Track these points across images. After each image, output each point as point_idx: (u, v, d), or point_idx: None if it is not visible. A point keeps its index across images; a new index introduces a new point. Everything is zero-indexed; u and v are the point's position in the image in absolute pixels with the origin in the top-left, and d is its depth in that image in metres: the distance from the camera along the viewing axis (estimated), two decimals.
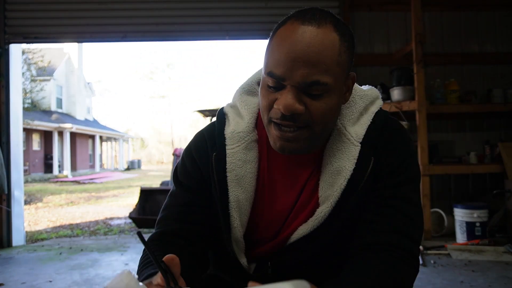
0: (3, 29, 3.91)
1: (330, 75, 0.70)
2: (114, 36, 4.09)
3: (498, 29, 4.40)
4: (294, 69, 0.68)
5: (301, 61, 0.68)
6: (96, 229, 5.35)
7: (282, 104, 0.70)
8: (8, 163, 3.90)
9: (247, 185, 0.82)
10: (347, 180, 0.78)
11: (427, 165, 3.60)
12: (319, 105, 0.71)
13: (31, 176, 16.24)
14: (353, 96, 0.84)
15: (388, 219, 0.77)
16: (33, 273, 2.96)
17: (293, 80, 0.69)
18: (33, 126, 16.22)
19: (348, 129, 0.81)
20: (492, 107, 3.86)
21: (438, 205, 4.00)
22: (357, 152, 0.79)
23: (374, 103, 0.86)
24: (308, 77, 0.69)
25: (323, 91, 0.71)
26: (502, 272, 2.68)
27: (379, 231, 0.76)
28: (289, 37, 0.70)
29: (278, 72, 0.70)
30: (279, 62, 0.70)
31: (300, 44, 0.68)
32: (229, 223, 0.82)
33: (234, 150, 0.83)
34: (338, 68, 0.71)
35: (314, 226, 0.80)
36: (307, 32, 0.69)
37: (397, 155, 0.80)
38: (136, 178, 18.23)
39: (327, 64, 0.69)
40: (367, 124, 0.81)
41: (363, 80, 4.42)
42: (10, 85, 3.96)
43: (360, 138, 0.80)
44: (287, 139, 0.74)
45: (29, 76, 15.77)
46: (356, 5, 4.19)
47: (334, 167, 0.79)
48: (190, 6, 4.04)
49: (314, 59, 0.68)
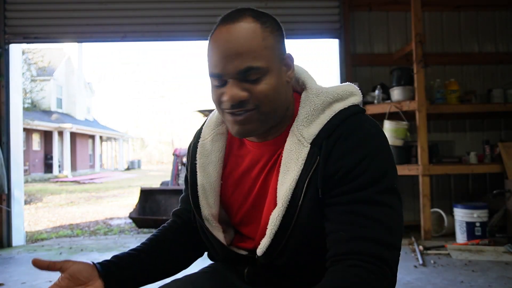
0: (3, 29, 3.91)
1: (260, 59, 0.77)
2: (114, 36, 4.09)
3: (498, 29, 4.40)
4: (228, 64, 0.77)
5: (230, 55, 0.77)
6: (96, 229, 5.35)
7: (227, 96, 0.79)
8: (8, 163, 3.90)
9: (211, 172, 0.93)
10: (295, 180, 0.79)
11: (427, 165, 3.60)
12: (260, 87, 0.78)
13: (31, 176, 16.24)
14: (308, 95, 0.85)
15: (353, 226, 0.73)
16: (33, 273, 2.96)
17: (230, 74, 0.78)
18: (33, 126, 16.22)
19: (301, 130, 0.82)
20: (492, 107, 3.86)
21: (438, 205, 4.00)
22: (306, 153, 0.80)
23: (343, 100, 0.84)
24: (240, 66, 0.76)
25: (260, 74, 0.78)
26: (502, 272, 2.68)
27: (342, 241, 0.72)
28: (216, 40, 0.80)
29: (216, 71, 0.79)
30: (214, 63, 0.79)
31: (226, 41, 0.77)
32: (198, 203, 0.92)
33: (204, 142, 0.95)
34: (266, 51, 0.78)
35: (272, 232, 0.80)
36: (230, 30, 0.78)
37: (349, 157, 0.77)
38: (136, 178, 18.22)
39: (254, 50, 0.77)
40: (323, 124, 0.81)
41: (363, 80, 4.47)
42: (10, 85, 3.96)
43: (310, 139, 0.81)
44: (241, 122, 0.80)
45: (29, 76, 15.77)
46: (356, 5, 4.19)
47: (286, 167, 0.82)
48: (190, 6, 4.04)
49: (240, 49, 0.76)
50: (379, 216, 0.73)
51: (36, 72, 16.90)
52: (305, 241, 0.80)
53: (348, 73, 4.09)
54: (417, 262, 2.96)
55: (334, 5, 4.11)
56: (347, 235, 0.72)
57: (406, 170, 3.72)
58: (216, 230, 0.92)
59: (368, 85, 4.14)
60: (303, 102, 0.85)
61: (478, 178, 4.27)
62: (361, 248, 0.70)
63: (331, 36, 4.16)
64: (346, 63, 4.10)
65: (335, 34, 4.13)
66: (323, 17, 4.13)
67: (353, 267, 0.69)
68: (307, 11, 4.10)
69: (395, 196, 0.77)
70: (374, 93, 3.95)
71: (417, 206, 3.87)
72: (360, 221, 0.73)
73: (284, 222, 0.79)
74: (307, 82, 0.88)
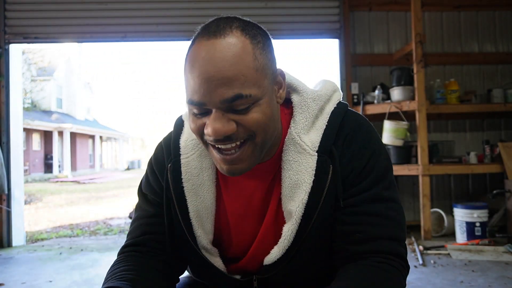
0: (3, 29, 3.91)
1: (251, 84, 0.65)
2: (114, 36, 4.08)
3: (498, 29, 4.40)
4: (211, 90, 0.63)
5: (215, 80, 0.63)
6: (96, 229, 5.35)
7: (210, 130, 0.65)
8: (8, 163, 3.90)
9: (206, 193, 0.80)
10: (308, 193, 0.74)
11: (427, 165, 3.60)
12: (250, 117, 0.66)
13: (31, 176, 16.23)
14: (305, 99, 0.79)
15: (368, 226, 0.73)
16: (33, 273, 2.96)
17: (213, 103, 0.64)
18: (33, 126, 16.22)
19: (303, 138, 0.76)
20: (492, 107, 3.86)
21: (438, 205, 4.00)
22: (315, 162, 0.74)
23: (330, 100, 0.81)
24: (227, 94, 0.63)
25: (250, 103, 0.66)
26: (502, 272, 2.68)
27: (362, 241, 0.73)
28: (198, 58, 0.65)
29: (197, 98, 0.65)
30: (194, 88, 0.65)
31: (210, 62, 0.63)
32: (193, 232, 0.80)
33: (189, 159, 0.80)
34: (257, 73, 0.66)
35: (285, 247, 0.77)
36: (214, 47, 0.64)
37: (359, 158, 0.76)
38: (136, 178, 18.21)
39: (244, 74, 0.64)
40: (323, 129, 0.76)
41: (363, 80, 4.47)
42: (10, 85, 3.96)
43: (316, 147, 0.75)
44: (231, 161, 0.69)
45: (29, 76, 15.77)
46: (356, 5, 4.19)
47: (293, 180, 0.75)
48: (190, 6, 4.04)
49: (229, 74, 0.63)
50: (389, 213, 0.75)
51: (36, 72, 16.90)
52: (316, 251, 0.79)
53: (348, 73, 4.09)
54: (417, 262, 2.96)
55: (334, 5, 4.11)
56: (365, 236, 0.73)
57: (406, 170, 3.72)
58: (214, 257, 0.83)
59: (368, 85, 4.14)
60: (299, 108, 0.79)
61: (478, 178, 4.27)
62: (380, 247, 0.72)
63: (331, 36, 4.16)
64: (346, 63, 4.10)
65: (335, 34, 4.13)
66: (323, 17, 4.13)
67: (380, 263, 0.71)
68: (307, 11, 4.10)
69: (396, 189, 0.79)
70: (374, 93, 3.95)
71: (417, 206, 3.87)
72: (374, 220, 0.74)
73: (297, 236, 0.76)
74: (298, 85, 0.82)
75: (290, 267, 0.80)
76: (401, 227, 0.76)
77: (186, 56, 0.70)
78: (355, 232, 0.74)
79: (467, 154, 3.92)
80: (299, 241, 0.77)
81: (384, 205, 0.75)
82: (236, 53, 0.64)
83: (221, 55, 0.64)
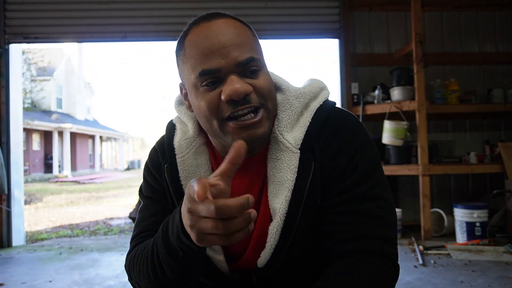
0: (3, 29, 3.91)
1: (256, 52, 0.73)
2: (114, 36, 4.08)
3: (498, 29, 4.40)
4: (226, 55, 0.69)
5: (229, 46, 0.69)
6: (96, 229, 5.35)
7: (230, 90, 0.68)
8: (8, 163, 3.90)
9: None
10: (291, 191, 0.74)
11: (427, 165, 3.60)
12: (261, 80, 0.72)
13: (31, 176, 16.23)
14: (288, 98, 0.80)
15: (353, 226, 0.72)
16: (33, 273, 2.96)
17: (230, 65, 0.69)
18: (33, 126, 16.22)
19: (286, 136, 0.76)
20: (492, 107, 3.86)
21: (438, 205, 4.00)
22: (297, 160, 0.75)
23: (317, 97, 0.81)
24: (242, 57, 0.69)
25: (259, 67, 0.72)
26: (502, 272, 2.68)
27: (345, 241, 0.72)
28: (205, 34, 0.70)
29: (212, 65, 0.69)
30: (207, 57, 0.69)
31: (221, 33, 0.70)
32: None
33: (184, 158, 0.81)
34: (258, 47, 0.74)
35: (273, 246, 0.76)
36: (219, 24, 0.71)
37: (342, 154, 0.75)
38: (136, 178, 18.21)
39: (250, 43, 0.72)
40: (306, 126, 0.77)
41: (363, 80, 4.47)
42: (10, 85, 3.96)
43: (298, 144, 0.75)
44: (251, 125, 0.70)
45: (29, 76, 15.77)
46: (356, 5, 4.19)
47: (277, 178, 0.75)
48: (190, 6, 4.04)
49: (239, 40, 0.70)
50: (376, 212, 0.73)
51: (36, 72, 16.90)
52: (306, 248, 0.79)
53: (348, 73, 4.09)
54: (417, 262, 2.96)
55: (334, 5, 4.11)
56: (349, 236, 0.72)
57: (406, 170, 3.72)
58: (217, 254, 0.83)
59: (368, 85, 4.14)
60: (282, 106, 0.79)
61: (478, 178, 4.27)
62: (365, 247, 0.71)
63: (331, 36, 4.16)
64: (346, 63, 4.10)
65: (335, 34, 4.13)
66: (323, 17, 4.13)
67: (362, 262, 0.69)
68: (307, 11, 4.10)
69: (386, 187, 0.77)
70: (374, 93, 3.95)
71: (417, 206, 3.86)
72: (359, 219, 0.72)
73: (283, 234, 0.76)
74: (282, 84, 0.82)
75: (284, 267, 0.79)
76: (389, 226, 0.74)
77: (183, 41, 0.74)
78: (339, 231, 0.73)
79: (467, 154, 3.92)
80: (287, 241, 0.76)
81: (371, 203, 0.73)
82: (238, 26, 0.73)
83: (228, 27, 0.71)
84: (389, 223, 0.74)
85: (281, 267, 0.79)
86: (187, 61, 0.73)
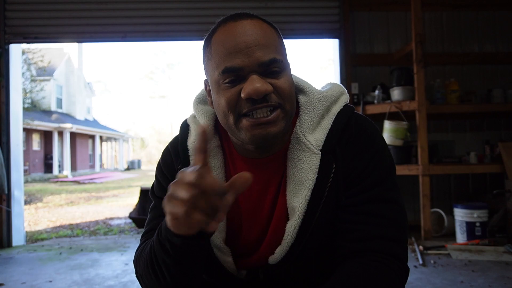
0: (3, 29, 3.91)
1: (280, 53, 0.74)
2: (114, 36, 4.09)
3: (498, 29, 4.40)
4: (250, 54, 0.71)
5: (253, 46, 0.71)
6: (96, 229, 5.35)
7: (250, 89, 0.70)
8: (8, 163, 3.90)
9: None
10: (311, 190, 0.76)
11: (427, 165, 3.60)
12: (282, 81, 0.73)
13: (31, 176, 16.23)
14: (311, 100, 0.82)
15: (367, 226, 0.74)
16: (33, 273, 2.96)
17: (252, 65, 0.71)
18: (33, 126, 16.22)
19: (308, 137, 0.79)
20: (492, 107, 3.86)
21: (438, 205, 4.00)
22: (318, 160, 0.77)
23: (337, 101, 0.84)
24: (264, 57, 0.71)
25: (281, 68, 0.73)
26: (502, 272, 2.68)
27: (359, 239, 0.73)
28: (231, 34, 0.73)
29: (235, 63, 0.71)
30: (231, 55, 0.71)
31: (246, 33, 0.72)
32: None
33: None
34: (282, 48, 0.76)
35: (289, 244, 0.78)
36: (245, 24, 0.73)
37: (360, 157, 0.78)
38: (136, 178, 18.22)
39: (275, 44, 0.74)
40: (328, 129, 0.79)
41: (363, 80, 4.47)
42: (10, 85, 3.96)
43: (320, 146, 0.78)
44: (265, 123, 0.72)
45: (29, 76, 15.77)
46: (356, 5, 4.19)
47: (297, 177, 0.77)
48: (190, 6, 4.04)
49: (263, 41, 0.72)
50: (389, 214, 0.75)
51: (36, 72, 16.89)
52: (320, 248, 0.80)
53: (348, 73, 4.09)
54: (417, 262, 2.96)
55: (334, 5, 4.11)
56: (362, 234, 0.74)
57: (406, 170, 3.72)
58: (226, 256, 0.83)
59: (368, 85, 4.14)
60: (305, 107, 0.82)
61: (478, 178, 4.27)
62: (377, 246, 0.72)
63: (331, 36, 4.16)
64: (346, 63, 4.10)
65: (335, 34, 4.13)
66: (323, 17, 4.13)
67: (373, 262, 0.71)
68: (307, 11, 4.10)
69: (399, 191, 0.80)
70: (374, 93, 3.95)
71: (417, 206, 3.87)
72: (373, 220, 0.74)
73: (300, 233, 0.78)
74: (305, 86, 0.85)
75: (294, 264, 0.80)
76: (402, 229, 0.76)
77: (210, 39, 0.77)
78: (353, 230, 0.75)
79: (467, 154, 3.92)
80: (303, 239, 0.78)
81: (385, 205, 0.76)
82: (264, 28, 0.75)
83: (253, 28, 0.73)
84: (401, 225, 0.76)
85: (291, 265, 0.80)
86: (212, 58, 0.75)
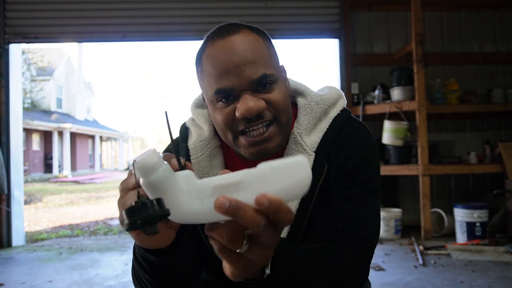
0: (3, 29, 3.91)
1: (270, 66, 0.75)
2: (114, 36, 4.09)
3: (498, 29, 4.40)
4: (240, 74, 0.71)
5: (242, 65, 0.71)
6: (96, 229, 5.35)
7: (243, 109, 0.71)
8: (8, 163, 3.90)
9: None
10: None
11: (427, 165, 3.60)
12: (275, 94, 0.75)
13: (31, 176, 16.23)
14: (309, 103, 0.84)
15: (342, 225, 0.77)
16: (33, 273, 2.96)
17: (243, 84, 0.72)
18: (33, 126, 16.22)
19: (304, 138, 0.81)
20: (492, 107, 3.86)
21: (438, 205, 4.00)
22: (311, 161, 0.80)
23: (335, 105, 0.86)
24: (254, 75, 0.72)
25: (272, 82, 0.74)
26: (502, 272, 2.68)
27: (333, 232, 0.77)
28: (219, 53, 0.73)
29: (226, 85, 0.72)
30: (222, 76, 0.72)
31: (234, 52, 0.72)
32: None
33: (199, 159, 0.85)
34: (272, 60, 0.77)
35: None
36: (233, 41, 0.73)
37: (349, 160, 0.81)
38: None
39: (263, 58, 0.74)
40: (324, 131, 0.82)
41: (363, 80, 4.47)
42: (10, 85, 3.96)
43: (314, 147, 0.81)
44: (261, 140, 0.75)
45: (29, 76, 15.77)
46: (356, 5, 4.19)
47: None
48: (190, 6, 4.04)
49: (252, 57, 0.72)
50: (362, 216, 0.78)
51: (36, 72, 16.90)
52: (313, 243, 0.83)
53: (348, 73, 4.09)
54: (417, 262, 2.96)
55: (334, 5, 4.11)
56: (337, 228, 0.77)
57: (406, 170, 3.72)
58: None
59: (368, 85, 4.14)
60: (303, 110, 0.84)
61: (478, 178, 4.27)
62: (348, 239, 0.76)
63: (331, 36, 4.16)
64: (346, 63, 4.10)
65: (335, 34, 4.13)
66: (323, 17, 4.13)
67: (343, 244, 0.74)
68: (307, 11, 4.10)
69: (379, 196, 0.84)
70: (374, 93, 3.95)
71: (417, 206, 3.87)
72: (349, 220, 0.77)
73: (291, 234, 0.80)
74: (304, 89, 0.88)
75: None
76: (375, 234, 0.79)
77: (201, 57, 0.77)
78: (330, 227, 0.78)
79: (467, 154, 3.92)
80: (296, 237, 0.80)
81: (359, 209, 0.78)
82: (252, 43, 0.74)
83: (241, 45, 0.73)
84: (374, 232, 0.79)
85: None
86: (204, 78, 0.77)
